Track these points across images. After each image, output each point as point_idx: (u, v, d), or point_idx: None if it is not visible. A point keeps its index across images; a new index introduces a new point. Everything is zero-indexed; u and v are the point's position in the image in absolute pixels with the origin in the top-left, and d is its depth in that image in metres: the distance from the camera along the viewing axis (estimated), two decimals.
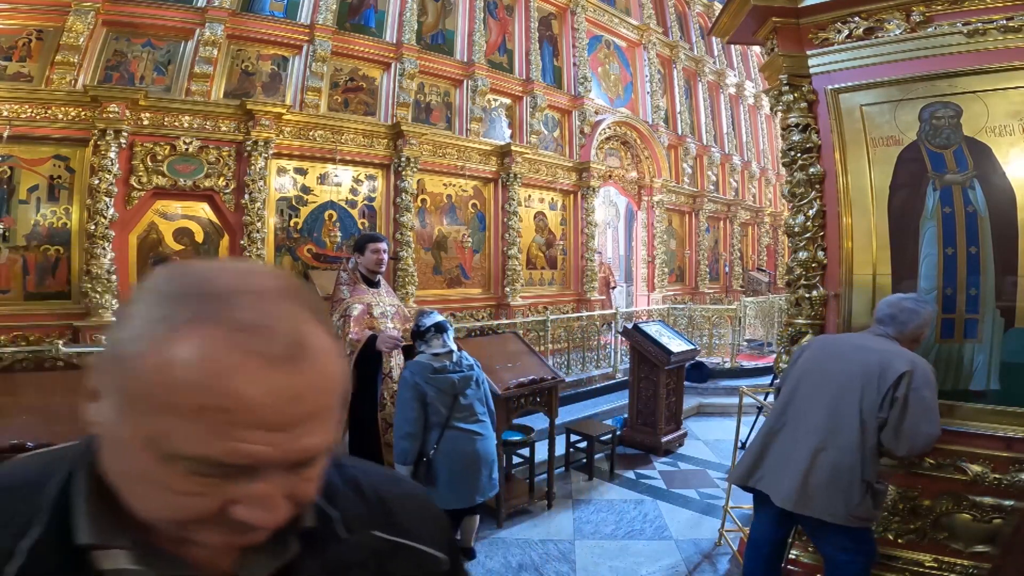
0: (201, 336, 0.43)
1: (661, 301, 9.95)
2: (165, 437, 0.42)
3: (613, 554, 3.29)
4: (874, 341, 2.14)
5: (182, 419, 0.42)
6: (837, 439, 2.06)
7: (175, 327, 0.43)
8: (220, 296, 0.45)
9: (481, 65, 7.96)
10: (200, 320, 0.43)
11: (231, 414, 0.42)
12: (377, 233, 3.64)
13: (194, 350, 0.42)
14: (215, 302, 0.44)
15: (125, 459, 0.45)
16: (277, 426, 0.43)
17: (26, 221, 5.17)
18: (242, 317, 0.44)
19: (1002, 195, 2.33)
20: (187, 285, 0.46)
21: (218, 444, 0.42)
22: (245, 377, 0.42)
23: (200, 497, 0.44)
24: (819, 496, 2.04)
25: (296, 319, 0.47)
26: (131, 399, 0.43)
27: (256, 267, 0.50)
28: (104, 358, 0.46)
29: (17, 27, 5.30)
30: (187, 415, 0.42)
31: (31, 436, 2.21)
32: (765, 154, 14.64)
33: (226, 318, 0.44)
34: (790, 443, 2.17)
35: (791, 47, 2.74)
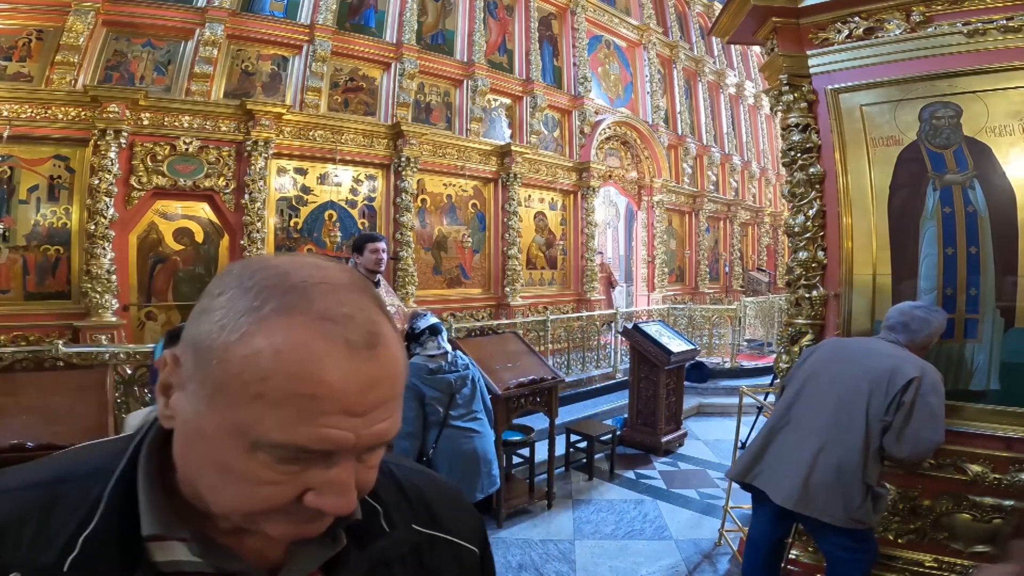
0: (289, 326, 0.44)
1: (661, 301, 9.94)
2: (254, 425, 0.43)
3: (613, 554, 3.29)
4: (885, 346, 2.15)
5: (272, 407, 0.43)
6: (842, 440, 2.06)
7: (262, 317, 0.44)
8: (300, 288, 0.46)
9: (481, 65, 7.96)
10: (286, 310, 0.44)
11: (319, 400, 0.43)
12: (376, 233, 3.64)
13: (283, 339, 0.43)
14: (297, 293, 0.46)
15: (207, 451, 0.46)
16: (358, 411, 0.45)
17: (26, 221, 5.17)
18: (324, 307, 0.45)
19: (1002, 195, 2.33)
20: (267, 278, 0.46)
21: (305, 430, 0.43)
22: (332, 364, 0.44)
23: (279, 486, 0.45)
24: (820, 496, 2.04)
25: (369, 309, 0.48)
26: (219, 389, 0.44)
27: (325, 262, 0.52)
28: (187, 351, 0.47)
29: (17, 27, 5.30)
30: (277, 402, 0.43)
31: (31, 436, 2.21)
32: (765, 154, 14.64)
33: (310, 308, 0.45)
34: (793, 442, 2.17)
35: (791, 47, 2.74)
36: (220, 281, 0.49)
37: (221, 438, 0.44)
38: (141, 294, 5.70)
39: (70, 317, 5.18)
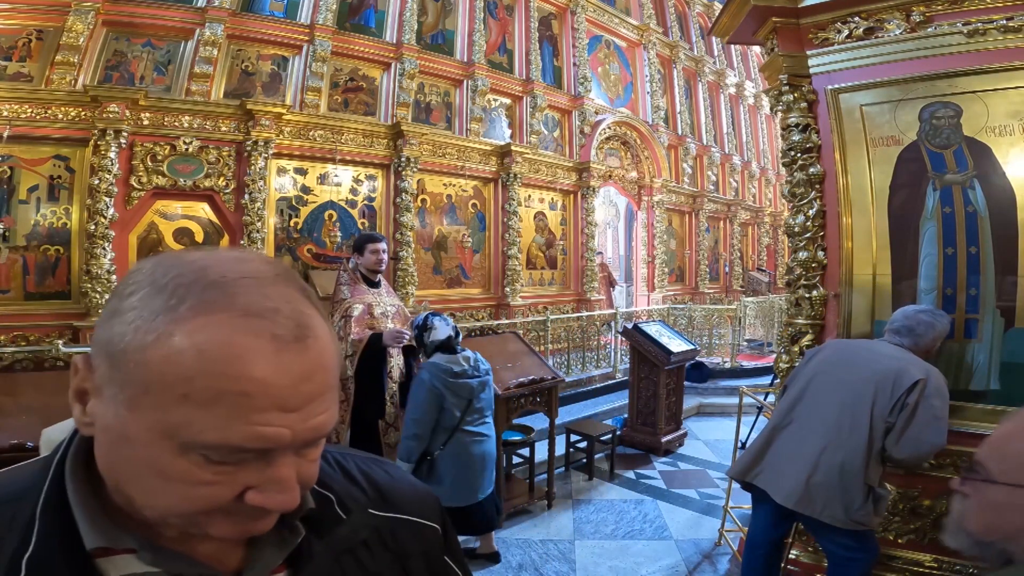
0: (210, 323, 0.42)
1: (661, 301, 9.94)
2: (183, 427, 0.42)
3: (613, 554, 3.29)
4: (890, 349, 2.16)
5: (200, 408, 0.41)
6: (846, 442, 2.05)
7: (180, 317, 0.42)
8: (220, 283, 0.44)
9: (481, 65, 7.95)
10: (206, 307, 0.43)
11: (250, 398, 0.42)
12: (376, 233, 3.64)
13: (206, 337, 0.42)
14: (216, 289, 0.44)
15: (135, 455, 0.44)
16: (292, 407, 0.44)
17: (26, 221, 5.17)
18: (247, 302, 0.44)
19: (1002, 195, 2.33)
20: (183, 275, 0.45)
21: (239, 429, 0.42)
22: (261, 360, 0.42)
23: (217, 486, 0.43)
24: (821, 497, 2.04)
25: (296, 301, 0.47)
26: (141, 392, 0.42)
27: (247, 254, 0.50)
28: (99, 355, 0.45)
29: (17, 27, 5.30)
30: (205, 403, 0.41)
31: (31, 436, 2.21)
32: (765, 154, 14.64)
33: (232, 304, 0.43)
34: (795, 441, 2.17)
35: (791, 47, 2.74)
36: (130, 280, 0.46)
37: (149, 441, 0.43)
38: None
39: (70, 317, 5.18)
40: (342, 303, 3.40)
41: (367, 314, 3.35)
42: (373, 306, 3.42)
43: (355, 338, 3.24)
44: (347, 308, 3.36)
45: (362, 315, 3.32)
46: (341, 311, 3.37)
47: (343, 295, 3.43)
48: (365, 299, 3.41)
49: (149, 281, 0.45)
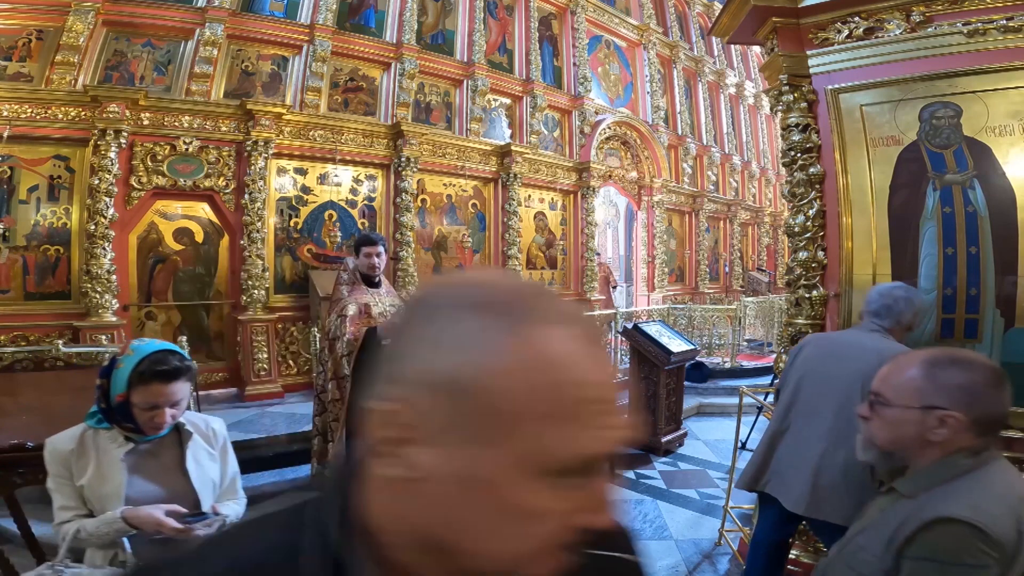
0: (549, 336, 0.41)
1: (661, 301, 9.94)
2: (541, 450, 0.40)
3: None
4: (868, 338, 2.12)
5: (558, 423, 0.40)
6: (845, 441, 2.00)
7: (521, 334, 0.41)
8: (531, 297, 0.44)
9: (481, 65, 7.95)
10: (538, 321, 0.42)
11: (598, 403, 0.42)
12: (374, 235, 3.63)
13: (553, 349, 0.41)
14: (523, 304, 0.43)
15: (474, 498, 0.41)
16: (616, 408, 0.44)
17: (26, 221, 5.17)
18: (559, 311, 0.44)
19: (1002, 195, 2.33)
20: (494, 294, 0.44)
21: (593, 436, 0.41)
22: (597, 366, 0.43)
23: (556, 515, 0.41)
24: (831, 499, 2.03)
25: (576, 310, 0.48)
26: (492, 423, 0.40)
27: (508, 272, 0.51)
28: (426, 393, 0.41)
29: (17, 27, 5.30)
30: (564, 417, 0.40)
31: (31, 436, 2.21)
32: (765, 154, 14.64)
33: (553, 316, 0.43)
34: (796, 446, 2.16)
35: (791, 47, 2.74)
36: (421, 312, 0.44)
37: (499, 476, 0.40)
38: (141, 294, 5.70)
39: (70, 317, 5.18)
40: (339, 302, 3.41)
41: (364, 314, 3.35)
42: (371, 306, 3.42)
43: (350, 337, 3.24)
44: (343, 308, 3.37)
45: (358, 314, 3.33)
46: (337, 310, 3.38)
47: (341, 294, 3.44)
48: (362, 299, 3.42)
49: (461, 305, 0.43)
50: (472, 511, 0.41)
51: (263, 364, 5.90)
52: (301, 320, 6.29)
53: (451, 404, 0.40)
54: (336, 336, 3.38)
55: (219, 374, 6.04)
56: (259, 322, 5.92)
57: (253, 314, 5.88)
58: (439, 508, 0.42)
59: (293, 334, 6.26)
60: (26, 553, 2.72)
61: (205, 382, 5.60)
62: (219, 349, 6.09)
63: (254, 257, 5.92)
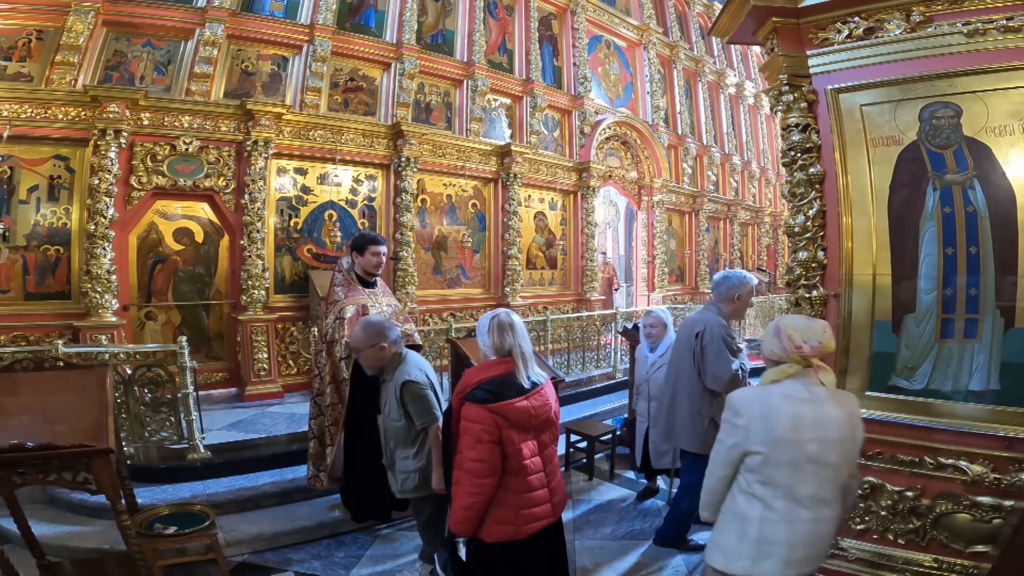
0: None
1: (661, 301, 9.95)
2: None
3: (613, 554, 3.29)
4: (698, 312, 3.36)
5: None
6: (684, 387, 3.21)
7: None
8: None
9: (481, 65, 7.95)
10: None
11: None
12: (377, 234, 3.63)
13: None
14: None
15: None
16: None
17: (26, 221, 5.17)
18: None
19: (1002, 195, 2.33)
20: None
21: None
22: None
23: None
24: (682, 433, 3.20)
25: None
26: None
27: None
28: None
29: (17, 27, 5.30)
30: None
31: (31, 436, 2.21)
32: (765, 154, 14.64)
33: None
34: (663, 402, 3.42)
35: (791, 47, 2.74)
36: None
37: None
38: (141, 294, 5.70)
39: (70, 317, 5.18)
40: (336, 304, 3.37)
41: (362, 315, 3.32)
42: (368, 307, 3.40)
43: (348, 340, 3.21)
44: (340, 310, 3.33)
45: (355, 316, 3.30)
46: (335, 313, 3.34)
47: (337, 296, 3.41)
48: (359, 300, 3.39)
49: None
50: None
51: (263, 364, 5.90)
52: (301, 320, 6.29)
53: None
54: (334, 339, 3.35)
55: (219, 374, 6.04)
56: (259, 322, 5.92)
57: (253, 314, 5.88)
58: None
59: (293, 334, 6.26)
60: (26, 553, 2.72)
61: (205, 382, 5.60)
62: (219, 349, 6.09)
63: (254, 257, 5.92)
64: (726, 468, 1.84)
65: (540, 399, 2.17)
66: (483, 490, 2.03)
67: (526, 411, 2.09)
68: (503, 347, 2.17)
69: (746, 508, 1.78)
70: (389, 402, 2.81)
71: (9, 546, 2.75)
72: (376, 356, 2.78)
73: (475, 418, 2.03)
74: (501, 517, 2.08)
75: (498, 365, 2.16)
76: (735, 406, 1.82)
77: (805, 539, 1.73)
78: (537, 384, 2.20)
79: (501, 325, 2.20)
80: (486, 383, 2.10)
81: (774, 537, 1.73)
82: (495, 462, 2.03)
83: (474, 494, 2.03)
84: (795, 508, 1.73)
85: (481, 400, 2.04)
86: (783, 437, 1.72)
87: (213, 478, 3.98)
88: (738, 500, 1.81)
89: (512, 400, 2.07)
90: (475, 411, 2.04)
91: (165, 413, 4.08)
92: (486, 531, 2.10)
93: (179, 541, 2.77)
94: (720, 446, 1.85)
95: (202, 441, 4.15)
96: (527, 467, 2.10)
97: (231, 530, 3.39)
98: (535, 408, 2.12)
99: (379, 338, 2.76)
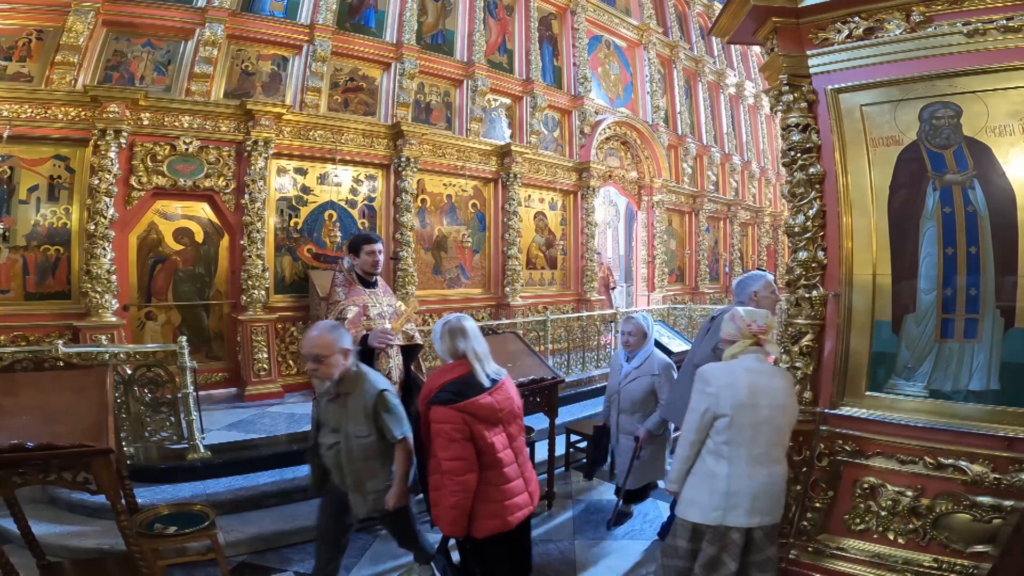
0: None
1: (661, 301, 9.95)
2: None
3: (613, 554, 3.30)
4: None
5: None
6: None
7: None
8: None
9: (481, 65, 7.95)
10: None
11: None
12: (371, 233, 3.62)
13: None
14: None
15: None
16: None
17: (26, 221, 5.17)
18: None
19: (1002, 195, 2.33)
20: None
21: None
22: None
23: None
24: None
25: None
26: None
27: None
28: None
29: (17, 27, 5.30)
30: None
31: (31, 436, 2.21)
32: (765, 154, 14.64)
33: None
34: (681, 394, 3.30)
35: (791, 47, 2.74)
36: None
37: None
38: (141, 294, 5.70)
39: (70, 317, 5.18)
40: (336, 304, 3.36)
41: (362, 316, 3.31)
42: (369, 307, 3.38)
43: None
44: (341, 310, 3.31)
45: (357, 317, 3.28)
46: (335, 313, 3.33)
47: (338, 296, 3.39)
48: (360, 300, 3.37)
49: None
50: None
51: (263, 364, 5.90)
52: (301, 320, 6.29)
53: None
54: None
55: (219, 374, 6.04)
56: (259, 322, 5.92)
57: (253, 314, 5.88)
58: None
59: (293, 334, 6.26)
60: (26, 553, 2.72)
61: (205, 382, 5.60)
62: (219, 349, 6.09)
63: (254, 257, 5.92)
64: (699, 433, 2.25)
65: (503, 393, 2.30)
66: (465, 487, 2.13)
67: (491, 406, 2.21)
68: (457, 351, 2.31)
69: (715, 467, 2.20)
70: (350, 419, 2.46)
71: (9, 546, 2.75)
72: (339, 364, 2.44)
73: (444, 419, 2.14)
74: (489, 512, 2.20)
75: (457, 367, 2.29)
76: (706, 377, 2.25)
77: (764, 491, 2.18)
78: (497, 380, 2.31)
79: (452, 331, 2.34)
80: (449, 385, 2.21)
81: (739, 489, 2.16)
82: (471, 458, 2.14)
83: (457, 492, 2.13)
84: (754, 465, 2.17)
85: (447, 401, 2.15)
86: (744, 402, 2.16)
87: (213, 478, 3.98)
88: (707, 461, 2.24)
89: (476, 398, 2.18)
90: (443, 412, 2.14)
91: (165, 413, 4.08)
92: (478, 528, 2.20)
93: (179, 541, 2.76)
94: (694, 414, 2.27)
95: (202, 441, 4.15)
96: (502, 460, 2.22)
97: (231, 530, 3.39)
98: (499, 402, 2.25)
99: (343, 341, 2.46)
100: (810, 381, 2.72)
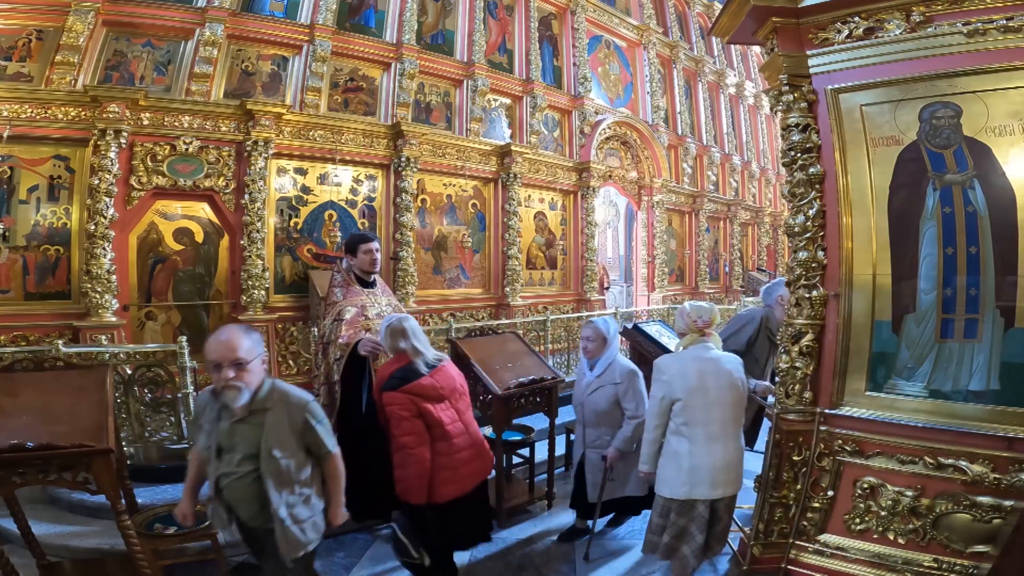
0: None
1: (661, 301, 9.95)
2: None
3: (613, 554, 3.29)
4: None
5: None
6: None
7: None
8: None
9: (481, 65, 7.95)
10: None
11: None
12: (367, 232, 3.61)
13: None
14: None
15: None
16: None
17: (26, 221, 5.17)
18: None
19: (1002, 195, 2.33)
20: None
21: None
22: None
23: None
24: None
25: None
26: None
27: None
28: None
29: (17, 27, 5.29)
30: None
31: (31, 436, 2.22)
32: (765, 154, 14.64)
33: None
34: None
35: (791, 47, 2.74)
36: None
37: None
38: (141, 294, 5.70)
39: (70, 317, 5.18)
40: (334, 305, 3.35)
41: (361, 316, 3.29)
42: (367, 307, 3.36)
43: (343, 341, 3.17)
44: (339, 311, 3.30)
45: (355, 317, 3.26)
46: (333, 314, 3.31)
47: (336, 297, 3.38)
48: (358, 301, 3.35)
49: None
50: None
51: None
52: (301, 320, 6.29)
53: None
54: (330, 340, 3.32)
55: None
56: (259, 322, 5.92)
57: (253, 314, 5.88)
58: None
59: (293, 334, 6.26)
60: (26, 553, 2.72)
61: (205, 382, 5.59)
62: None
63: (254, 257, 5.92)
64: (660, 418, 2.57)
65: (443, 375, 2.69)
66: (420, 458, 2.50)
67: (432, 386, 2.61)
68: (397, 348, 2.71)
69: (677, 446, 2.50)
70: (271, 438, 2.03)
71: (9, 546, 2.75)
72: (260, 372, 2.12)
73: (394, 401, 2.53)
74: (447, 478, 2.56)
75: (400, 359, 2.71)
76: (660, 367, 2.59)
77: (723, 464, 2.47)
78: (435, 366, 2.70)
79: (394, 332, 2.72)
80: (395, 372, 2.62)
81: (700, 464, 2.44)
82: (421, 432, 2.52)
83: (416, 463, 2.49)
84: (711, 442, 2.46)
85: (395, 387, 2.56)
86: (695, 385, 2.48)
87: None
88: (671, 442, 2.54)
89: (419, 380, 2.59)
90: (392, 396, 2.54)
91: (165, 413, 4.09)
92: (440, 494, 2.55)
93: (179, 541, 2.77)
94: (653, 401, 2.61)
95: None
96: (450, 432, 2.59)
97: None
98: (439, 381, 2.64)
99: (261, 346, 2.15)
100: (810, 381, 2.72)
